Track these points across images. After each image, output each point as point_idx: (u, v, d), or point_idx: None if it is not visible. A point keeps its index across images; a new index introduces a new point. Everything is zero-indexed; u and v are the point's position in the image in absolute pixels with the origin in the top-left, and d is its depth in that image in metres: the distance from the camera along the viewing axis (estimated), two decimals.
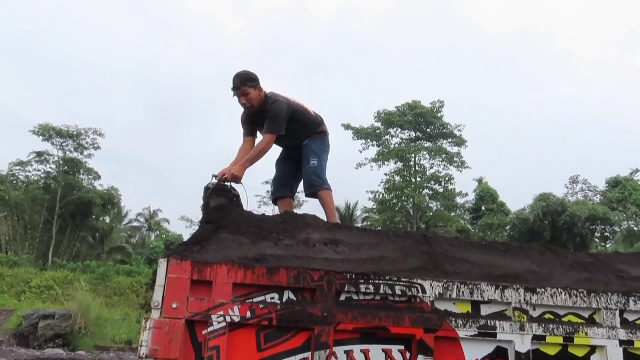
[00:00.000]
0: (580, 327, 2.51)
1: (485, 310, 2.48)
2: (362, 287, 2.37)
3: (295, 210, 3.90)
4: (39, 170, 31.18)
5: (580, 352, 2.51)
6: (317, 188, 3.98)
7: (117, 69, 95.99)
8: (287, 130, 3.85)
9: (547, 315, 2.54)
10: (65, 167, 31.08)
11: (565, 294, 2.55)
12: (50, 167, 31.25)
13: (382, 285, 2.39)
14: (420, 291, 2.42)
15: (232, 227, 2.63)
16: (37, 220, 29.40)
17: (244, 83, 3.73)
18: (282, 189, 4.21)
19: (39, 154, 30.45)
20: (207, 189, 3.18)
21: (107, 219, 37.34)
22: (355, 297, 2.38)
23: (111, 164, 65.63)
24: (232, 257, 2.40)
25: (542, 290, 2.54)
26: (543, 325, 2.47)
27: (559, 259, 2.86)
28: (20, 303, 18.99)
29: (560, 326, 2.49)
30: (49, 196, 29.47)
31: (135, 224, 45.29)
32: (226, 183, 3.29)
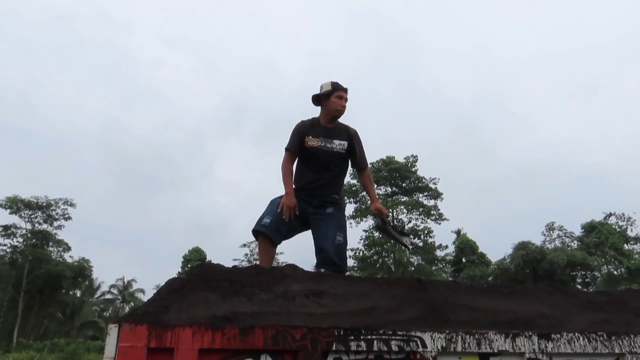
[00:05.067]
0: None
1: None
2: (353, 345, 2.01)
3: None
4: (4, 245, 29.90)
5: None
6: (340, 269, 3.49)
7: (85, 138, 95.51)
8: (332, 170, 3.71)
9: None
10: (34, 240, 29.92)
11: (584, 339, 2.23)
12: (17, 241, 30.05)
13: (375, 341, 2.03)
14: (420, 345, 2.07)
15: (198, 283, 2.26)
16: (2, 298, 27.87)
17: (347, 91, 3.76)
18: (276, 233, 3.53)
19: (6, 227, 29.37)
20: (384, 223, 3.81)
21: (78, 293, 35.75)
22: (345, 357, 2.01)
23: (82, 235, 63.77)
24: (197, 317, 2.02)
25: (558, 336, 2.21)
26: None
27: (570, 299, 2.56)
28: None
29: None
30: (16, 271, 28.10)
31: (108, 296, 43.40)
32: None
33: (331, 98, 3.67)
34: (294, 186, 3.68)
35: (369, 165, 4.06)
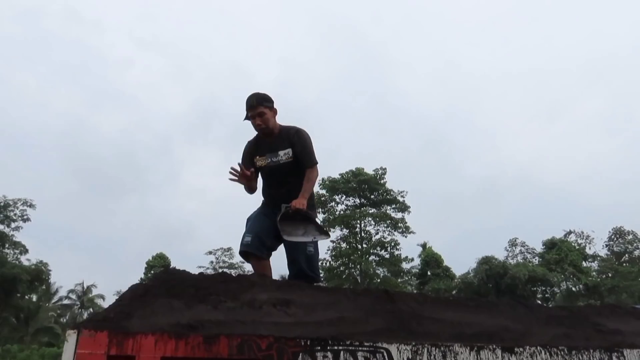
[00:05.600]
0: None
1: None
2: (319, 355, 1.99)
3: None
4: None
5: None
6: (314, 281, 3.47)
7: (48, 137, 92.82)
8: (289, 182, 3.54)
9: None
10: None
11: (545, 353, 2.27)
12: None
13: (342, 352, 2.02)
14: (386, 357, 2.07)
15: (162, 289, 2.20)
16: None
17: (261, 102, 3.53)
18: (261, 247, 3.50)
19: None
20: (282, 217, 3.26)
21: (34, 297, 34.53)
22: None
23: (41, 237, 61.73)
24: (161, 324, 1.97)
25: (521, 349, 2.25)
26: None
27: (532, 313, 2.61)
28: None
29: None
30: None
31: (66, 301, 42.05)
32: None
33: (250, 120, 3.59)
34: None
35: (317, 165, 3.65)
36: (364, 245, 31.47)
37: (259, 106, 3.51)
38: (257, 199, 3.92)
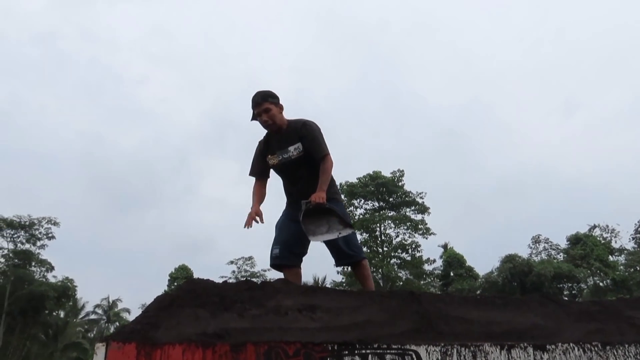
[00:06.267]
0: None
1: None
2: None
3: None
4: None
5: None
6: (357, 258, 3.52)
7: (69, 155, 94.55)
8: (304, 177, 3.52)
9: None
10: (16, 260, 29.33)
11: (578, 349, 2.21)
12: None
13: (370, 355, 2.00)
14: (415, 359, 2.04)
15: (187, 299, 2.21)
16: None
17: (265, 99, 3.51)
18: (290, 257, 3.52)
19: None
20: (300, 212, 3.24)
21: (62, 314, 35.04)
22: None
23: (66, 254, 62.70)
24: (187, 334, 1.97)
25: (553, 347, 2.19)
26: None
27: (563, 309, 2.54)
28: None
29: None
30: None
31: (93, 316, 42.58)
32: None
33: (257, 118, 3.57)
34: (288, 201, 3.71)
35: (324, 157, 3.52)
36: (385, 249, 31.31)
37: (264, 103, 3.49)
38: (275, 202, 3.93)
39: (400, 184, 32.56)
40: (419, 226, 31.54)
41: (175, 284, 30.47)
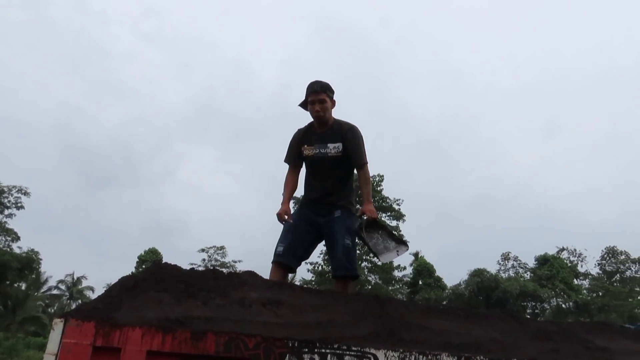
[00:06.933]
0: None
1: None
2: (306, 357, 1.98)
3: None
4: None
5: None
6: (349, 273, 3.49)
7: (46, 126, 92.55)
8: (332, 176, 3.55)
9: None
10: None
11: None
12: None
13: (329, 355, 2.01)
14: None
15: (152, 282, 2.19)
16: None
17: (324, 90, 3.51)
18: (292, 259, 3.50)
19: None
20: (360, 229, 3.40)
21: (23, 286, 34.31)
22: None
23: (33, 226, 61.46)
24: (149, 318, 1.96)
25: None
26: None
27: (521, 327, 2.60)
28: None
29: None
30: None
31: (55, 292, 41.82)
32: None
33: (308, 105, 3.53)
34: (304, 198, 3.77)
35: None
36: (357, 252, 31.46)
37: (322, 92, 3.49)
38: (251, 204, 3.91)
39: (378, 188, 32.73)
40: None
41: (144, 266, 30.11)
